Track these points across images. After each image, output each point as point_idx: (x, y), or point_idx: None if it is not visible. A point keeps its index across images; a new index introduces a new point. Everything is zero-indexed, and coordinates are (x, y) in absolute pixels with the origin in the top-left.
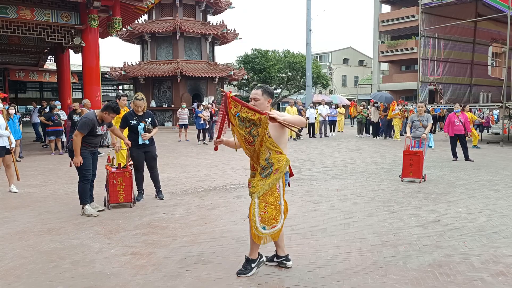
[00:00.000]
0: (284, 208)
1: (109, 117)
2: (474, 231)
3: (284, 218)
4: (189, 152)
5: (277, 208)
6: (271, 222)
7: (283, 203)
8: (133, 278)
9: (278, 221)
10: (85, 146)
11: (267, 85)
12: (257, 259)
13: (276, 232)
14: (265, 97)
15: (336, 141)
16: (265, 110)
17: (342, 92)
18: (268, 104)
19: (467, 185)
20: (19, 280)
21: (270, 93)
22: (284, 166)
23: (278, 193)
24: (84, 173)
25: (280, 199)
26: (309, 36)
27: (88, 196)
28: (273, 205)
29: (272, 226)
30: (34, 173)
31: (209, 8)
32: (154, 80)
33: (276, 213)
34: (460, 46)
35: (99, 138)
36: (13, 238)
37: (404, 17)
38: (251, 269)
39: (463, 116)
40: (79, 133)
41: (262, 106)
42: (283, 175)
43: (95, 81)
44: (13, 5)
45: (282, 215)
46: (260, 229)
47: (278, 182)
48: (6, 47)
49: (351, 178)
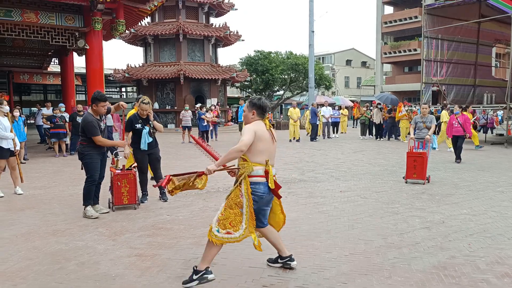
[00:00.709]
0: (246, 219)
1: (101, 107)
2: (479, 232)
3: (246, 229)
4: (192, 154)
5: (237, 214)
6: (226, 226)
7: (246, 213)
8: (138, 280)
9: (236, 230)
10: (94, 146)
11: (254, 97)
12: (201, 273)
13: (231, 240)
14: (249, 109)
15: (339, 143)
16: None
17: (345, 93)
18: (253, 115)
19: (472, 186)
20: (25, 282)
21: (255, 105)
22: (245, 173)
23: (240, 199)
24: (92, 173)
25: (243, 207)
26: (312, 38)
27: (92, 198)
28: (232, 209)
29: (226, 231)
30: (39, 175)
31: (212, 10)
32: (157, 82)
33: (234, 219)
34: (464, 47)
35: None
36: (19, 239)
37: (407, 18)
38: (192, 281)
39: (462, 117)
40: (96, 138)
41: (246, 119)
42: (247, 182)
43: (99, 83)
44: (18, 8)
45: (244, 225)
46: (213, 230)
47: (240, 187)
48: (10, 50)
49: (355, 180)
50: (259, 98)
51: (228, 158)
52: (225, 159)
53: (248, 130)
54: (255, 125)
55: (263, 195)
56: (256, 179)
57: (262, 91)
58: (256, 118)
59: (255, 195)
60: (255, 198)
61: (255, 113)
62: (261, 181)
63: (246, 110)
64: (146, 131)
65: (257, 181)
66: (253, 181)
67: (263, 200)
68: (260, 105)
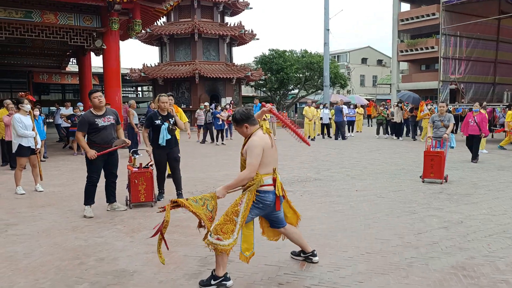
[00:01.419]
0: (239, 229)
1: (94, 100)
2: (499, 233)
3: (236, 239)
4: (208, 153)
5: (231, 222)
6: (217, 231)
7: (240, 223)
8: (155, 276)
9: (226, 237)
10: (94, 146)
11: (236, 113)
12: (220, 279)
13: (219, 247)
14: (240, 126)
15: (355, 142)
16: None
17: (360, 92)
18: (247, 129)
19: (491, 186)
20: (46, 276)
21: (241, 120)
22: (255, 186)
23: (238, 208)
24: (90, 174)
25: (238, 216)
26: (327, 36)
27: (91, 198)
28: (228, 216)
29: (217, 237)
30: (58, 173)
31: (226, 9)
32: (172, 81)
33: (226, 227)
34: (483, 44)
35: (106, 133)
36: (40, 235)
37: (424, 15)
38: (209, 285)
39: (479, 116)
40: (78, 132)
41: (243, 134)
42: (253, 193)
43: (116, 83)
44: (37, 10)
45: (235, 235)
46: (208, 235)
47: (243, 197)
48: (30, 50)
49: (371, 179)
50: (237, 112)
51: (240, 184)
52: (235, 184)
53: (255, 151)
54: (259, 139)
55: (271, 204)
56: (266, 188)
57: (276, 90)
58: (251, 128)
59: (263, 203)
60: (262, 206)
61: (248, 125)
62: (270, 190)
63: (238, 129)
64: (165, 127)
65: (267, 190)
66: (263, 190)
67: (270, 207)
68: (246, 116)
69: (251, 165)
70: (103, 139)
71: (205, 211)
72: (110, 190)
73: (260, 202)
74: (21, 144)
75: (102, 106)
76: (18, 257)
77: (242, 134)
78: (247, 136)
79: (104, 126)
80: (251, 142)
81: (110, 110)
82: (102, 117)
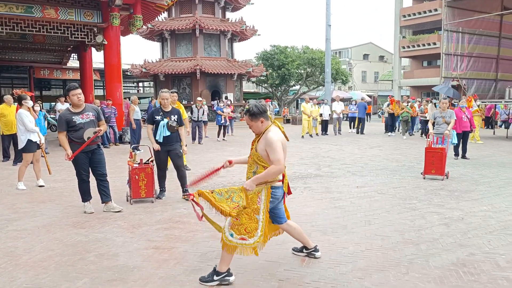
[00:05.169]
0: (262, 226)
1: (73, 97)
2: (500, 230)
3: (261, 237)
4: (209, 149)
5: (253, 220)
6: (241, 231)
7: (263, 220)
8: (155, 272)
9: (251, 236)
10: (75, 144)
11: (252, 106)
12: (223, 275)
13: (245, 246)
14: (255, 120)
15: (356, 138)
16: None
17: (362, 88)
18: (262, 124)
19: (492, 183)
20: (46, 272)
21: (258, 113)
22: (272, 182)
23: (258, 206)
24: (77, 172)
25: (259, 213)
26: (329, 32)
27: (86, 194)
28: (248, 215)
29: (241, 237)
30: (59, 168)
31: (228, 5)
32: (173, 77)
33: (250, 226)
34: (485, 40)
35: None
36: (41, 231)
37: (427, 11)
38: (211, 281)
39: (468, 111)
40: (58, 132)
41: (257, 129)
42: (269, 190)
43: (117, 78)
44: (38, 5)
45: (259, 232)
46: (227, 235)
47: (260, 194)
48: (31, 45)
49: (372, 175)
50: (254, 105)
51: (269, 178)
52: (264, 177)
53: (277, 146)
54: (276, 135)
55: (279, 197)
56: (277, 183)
57: (278, 86)
58: (266, 123)
59: (274, 198)
60: (272, 200)
61: (263, 119)
62: (280, 185)
63: (252, 123)
64: (163, 123)
65: (277, 185)
66: (275, 186)
67: (278, 200)
68: (263, 110)
69: (278, 160)
70: (80, 137)
71: (229, 203)
72: (102, 190)
73: (272, 197)
74: (30, 139)
75: (81, 104)
76: (19, 252)
77: (255, 129)
78: (260, 132)
79: (83, 123)
80: (271, 139)
81: (89, 106)
82: (80, 114)
